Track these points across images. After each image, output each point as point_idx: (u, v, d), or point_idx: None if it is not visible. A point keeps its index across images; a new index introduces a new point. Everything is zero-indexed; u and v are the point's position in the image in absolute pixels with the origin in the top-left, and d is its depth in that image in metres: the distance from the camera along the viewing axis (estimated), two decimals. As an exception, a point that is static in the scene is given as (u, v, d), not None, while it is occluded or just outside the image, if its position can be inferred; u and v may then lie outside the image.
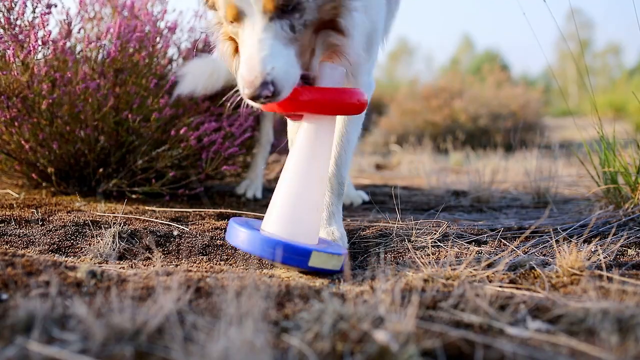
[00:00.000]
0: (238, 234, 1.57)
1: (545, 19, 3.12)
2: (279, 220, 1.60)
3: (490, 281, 1.48)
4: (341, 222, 1.96)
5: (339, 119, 1.97)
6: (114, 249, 1.78)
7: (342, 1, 1.58)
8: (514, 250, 1.82)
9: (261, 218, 2.36)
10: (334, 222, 1.91)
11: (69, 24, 2.65)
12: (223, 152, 2.56)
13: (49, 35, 2.38)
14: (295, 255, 1.51)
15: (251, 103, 1.56)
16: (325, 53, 1.68)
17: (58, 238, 1.90)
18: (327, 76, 1.62)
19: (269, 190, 3.26)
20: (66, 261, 1.62)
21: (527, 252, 1.83)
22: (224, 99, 2.61)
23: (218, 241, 1.96)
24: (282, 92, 1.48)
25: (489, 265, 1.57)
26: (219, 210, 2.46)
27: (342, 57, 1.68)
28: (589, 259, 1.61)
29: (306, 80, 1.60)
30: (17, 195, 2.65)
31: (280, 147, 3.11)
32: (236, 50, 1.74)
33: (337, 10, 1.59)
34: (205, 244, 1.92)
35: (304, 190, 1.62)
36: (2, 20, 2.40)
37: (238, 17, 1.53)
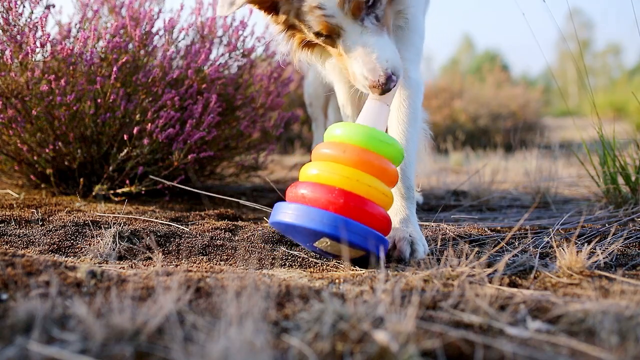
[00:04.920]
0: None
1: (546, 19, 3.12)
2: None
3: (490, 281, 1.48)
4: (418, 226, 1.92)
5: (394, 121, 2.04)
6: (114, 249, 1.78)
7: (399, 14, 1.87)
8: (514, 250, 1.82)
9: (261, 218, 2.36)
10: (410, 225, 1.87)
11: (68, 24, 2.65)
12: (190, 140, 2.54)
13: (48, 37, 2.38)
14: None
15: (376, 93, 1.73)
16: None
17: (58, 238, 1.90)
18: (371, 114, 1.76)
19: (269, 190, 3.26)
20: (66, 261, 1.62)
21: (527, 252, 1.83)
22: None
23: (218, 241, 1.96)
24: (400, 74, 1.70)
25: (489, 265, 1.57)
26: (218, 210, 2.46)
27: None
28: (589, 259, 1.61)
29: None
30: (17, 195, 2.65)
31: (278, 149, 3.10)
32: (308, 45, 1.92)
33: (400, 15, 1.86)
34: (205, 244, 1.92)
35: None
36: (1, 21, 2.40)
37: (331, 30, 1.71)
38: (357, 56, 1.69)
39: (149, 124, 2.48)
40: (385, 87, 1.66)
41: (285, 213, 1.62)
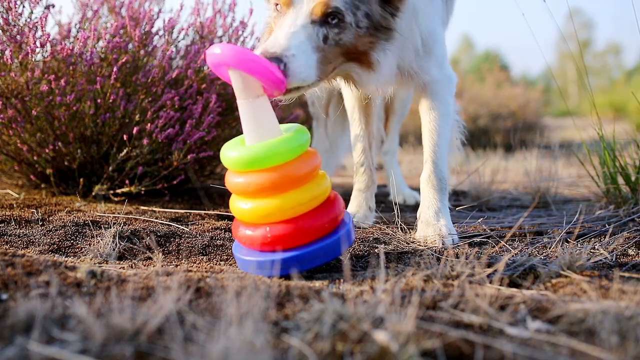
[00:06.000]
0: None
1: (546, 19, 3.12)
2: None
3: (490, 281, 1.48)
4: (449, 217, 2.05)
5: (426, 117, 2.08)
6: (114, 249, 1.78)
7: (379, 42, 1.72)
8: (514, 250, 1.82)
9: None
10: (442, 217, 2.02)
11: (68, 24, 2.65)
12: (190, 140, 2.54)
13: (48, 37, 2.39)
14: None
15: None
16: (341, 78, 1.85)
17: (58, 238, 1.90)
18: (249, 116, 1.58)
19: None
20: (66, 261, 1.62)
21: (527, 252, 1.83)
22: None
23: (218, 241, 1.96)
24: (295, 76, 1.54)
25: (489, 265, 1.57)
26: (218, 210, 2.46)
27: (358, 85, 1.83)
28: (589, 259, 1.61)
29: None
30: (17, 195, 2.65)
31: None
32: None
33: (373, 45, 1.72)
34: (205, 244, 1.92)
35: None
36: (1, 21, 2.40)
37: (288, 3, 1.62)
38: (276, 33, 1.59)
39: (149, 124, 2.48)
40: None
41: (240, 264, 1.63)
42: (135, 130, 2.46)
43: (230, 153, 1.58)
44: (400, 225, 2.11)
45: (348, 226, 1.67)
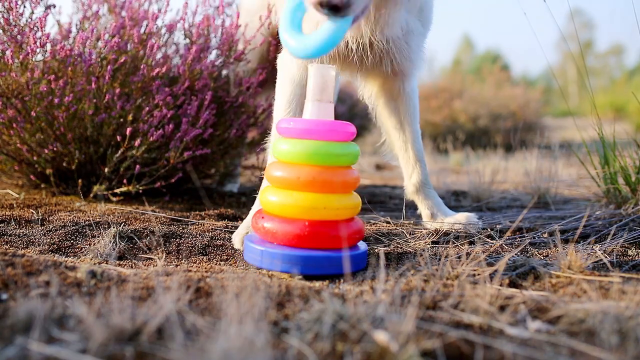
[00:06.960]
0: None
1: (547, 19, 3.12)
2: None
3: (490, 281, 1.48)
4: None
5: (409, 123, 2.22)
6: (114, 249, 1.78)
7: None
8: (514, 250, 1.82)
9: None
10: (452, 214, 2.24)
11: (68, 24, 2.65)
12: (186, 137, 2.54)
13: (48, 37, 2.39)
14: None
15: (318, 11, 1.47)
16: None
17: (58, 238, 1.90)
18: (316, 77, 1.62)
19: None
20: (66, 261, 1.62)
21: (527, 252, 1.83)
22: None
23: (218, 241, 1.96)
24: (352, 5, 1.44)
25: (489, 265, 1.57)
26: (218, 210, 2.46)
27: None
28: (588, 259, 1.61)
29: None
30: (17, 195, 2.66)
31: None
32: None
33: None
34: (205, 244, 1.92)
35: None
36: (1, 21, 2.40)
37: None
38: None
39: (145, 124, 2.48)
40: None
41: (258, 259, 1.62)
42: (131, 129, 2.46)
43: (289, 145, 1.61)
44: (401, 225, 2.12)
45: (366, 250, 1.71)
